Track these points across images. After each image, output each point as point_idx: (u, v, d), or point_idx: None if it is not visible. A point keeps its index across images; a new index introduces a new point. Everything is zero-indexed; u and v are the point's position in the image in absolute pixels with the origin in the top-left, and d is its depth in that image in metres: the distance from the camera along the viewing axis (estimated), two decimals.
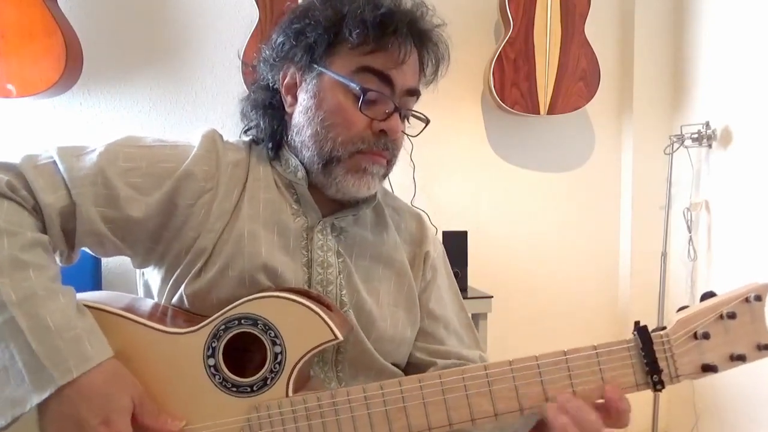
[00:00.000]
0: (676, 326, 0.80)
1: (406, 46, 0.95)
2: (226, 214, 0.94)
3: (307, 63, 0.97)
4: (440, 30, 1.02)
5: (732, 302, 0.80)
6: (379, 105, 0.95)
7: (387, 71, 0.94)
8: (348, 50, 0.95)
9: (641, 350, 0.80)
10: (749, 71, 2.52)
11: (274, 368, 0.83)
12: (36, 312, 0.77)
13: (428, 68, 1.03)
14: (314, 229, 1.00)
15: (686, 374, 0.80)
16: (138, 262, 0.98)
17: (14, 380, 0.76)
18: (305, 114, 0.97)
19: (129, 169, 0.92)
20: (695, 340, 0.80)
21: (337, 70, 0.95)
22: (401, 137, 1.00)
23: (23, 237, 0.82)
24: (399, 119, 0.96)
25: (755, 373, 2.43)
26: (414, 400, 0.81)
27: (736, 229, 2.61)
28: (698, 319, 0.80)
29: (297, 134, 0.99)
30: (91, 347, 0.79)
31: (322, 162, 0.96)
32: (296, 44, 0.98)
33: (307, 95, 0.98)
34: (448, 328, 1.10)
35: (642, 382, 0.81)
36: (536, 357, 0.82)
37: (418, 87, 1.01)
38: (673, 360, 0.80)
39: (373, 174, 0.96)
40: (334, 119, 0.95)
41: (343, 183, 0.96)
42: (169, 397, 0.83)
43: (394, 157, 1.00)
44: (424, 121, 1.04)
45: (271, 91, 1.04)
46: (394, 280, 1.06)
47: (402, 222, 1.13)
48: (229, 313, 0.85)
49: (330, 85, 0.96)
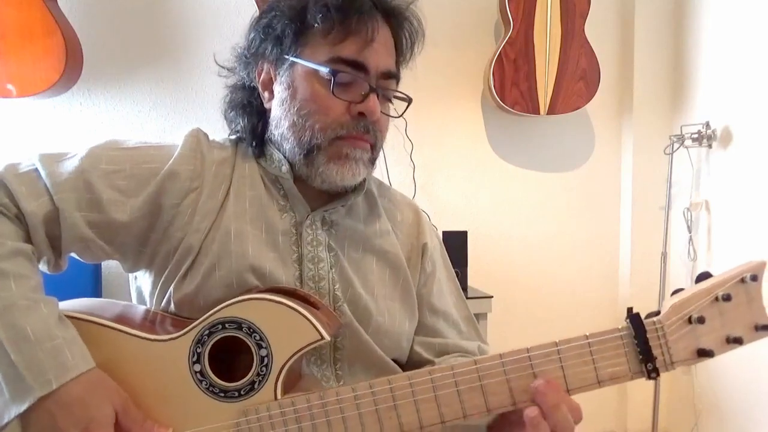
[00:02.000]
0: (669, 311, 0.78)
1: (373, 25, 0.93)
2: (212, 212, 0.94)
3: (278, 55, 0.97)
4: (412, 7, 1.00)
5: (727, 283, 0.78)
6: (353, 87, 0.94)
7: (357, 57, 0.93)
8: (317, 39, 0.94)
9: (634, 338, 0.78)
10: (749, 71, 2.51)
11: (261, 371, 0.82)
12: (16, 322, 0.77)
13: (404, 46, 1.01)
14: (303, 224, 0.99)
15: (681, 360, 0.78)
16: (128, 266, 0.98)
17: None
18: (281, 106, 0.97)
19: (112, 171, 0.91)
20: (689, 325, 0.78)
21: (308, 58, 0.94)
22: (384, 119, 0.99)
23: (3, 247, 0.81)
24: (376, 100, 0.94)
25: (755, 373, 2.43)
26: (404, 398, 0.80)
27: (736, 229, 2.60)
28: (692, 302, 0.78)
29: (276, 128, 0.98)
30: (72, 358, 0.78)
31: (303, 152, 0.95)
32: (265, 38, 0.98)
33: (281, 87, 0.97)
34: (448, 320, 1.09)
35: (636, 371, 0.79)
36: (527, 349, 0.80)
37: (394, 69, 0.99)
38: (668, 347, 0.78)
39: (356, 159, 0.95)
40: (310, 107, 0.94)
41: (326, 172, 0.94)
42: (157, 405, 0.83)
43: (377, 140, 0.98)
44: (406, 101, 1.02)
45: (248, 89, 1.03)
46: (388, 272, 1.04)
47: (398, 213, 1.11)
48: (213, 317, 0.84)
49: (303, 74, 0.95)
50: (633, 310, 0.80)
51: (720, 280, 0.78)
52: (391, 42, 0.99)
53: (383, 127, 0.99)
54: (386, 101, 1.00)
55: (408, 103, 1.02)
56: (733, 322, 0.78)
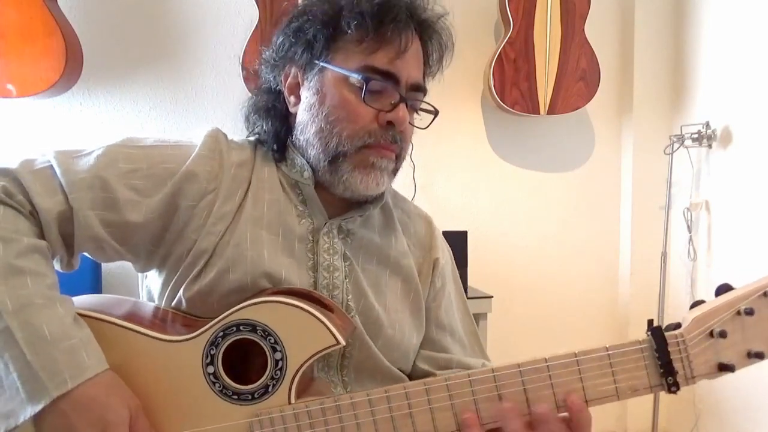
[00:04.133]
0: (691, 325, 0.77)
1: (406, 34, 0.93)
2: (228, 216, 0.93)
3: (308, 60, 0.96)
4: (443, 20, 1.00)
5: (749, 297, 0.76)
6: (384, 96, 0.93)
7: (389, 67, 0.92)
8: (349, 46, 0.93)
9: (655, 351, 0.77)
10: (749, 71, 2.52)
11: (275, 375, 0.81)
12: (32, 321, 0.76)
13: (432, 59, 1.01)
14: (320, 232, 0.98)
15: (702, 374, 0.77)
16: (140, 267, 0.97)
17: (9, 391, 0.74)
18: (309, 111, 0.96)
19: (129, 171, 0.90)
20: (711, 339, 0.76)
21: (339, 65, 0.93)
22: (410, 129, 0.98)
23: (19, 243, 0.80)
24: (406, 110, 0.94)
25: (755, 373, 2.43)
26: (420, 405, 0.79)
27: (736, 229, 2.61)
28: (714, 316, 0.77)
29: (301, 133, 0.97)
30: (88, 358, 0.77)
31: (328, 159, 0.94)
32: (296, 42, 0.96)
33: (309, 92, 0.96)
34: (454, 336, 1.09)
35: (656, 384, 0.77)
36: (545, 359, 0.78)
37: (422, 82, 0.99)
38: (689, 361, 0.76)
39: (381, 169, 0.94)
40: (338, 113, 0.93)
41: (350, 180, 0.93)
42: (170, 407, 0.82)
43: (402, 150, 0.97)
44: (433, 113, 1.02)
45: (273, 93, 1.02)
46: (400, 285, 1.03)
47: (411, 225, 1.10)
48: (228, 319, 0.83)
49: (333, 80, 0.94)
50: (654, 322, 0.79)
51: (742, 294, 0.77)
52: (421, 54, 0.98)
53: (408, 137, 0.98)
54: (413, 112, 0.99)
55: (434, 115, 1.01)
56: (755, 337, 0.77)
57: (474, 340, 1.12)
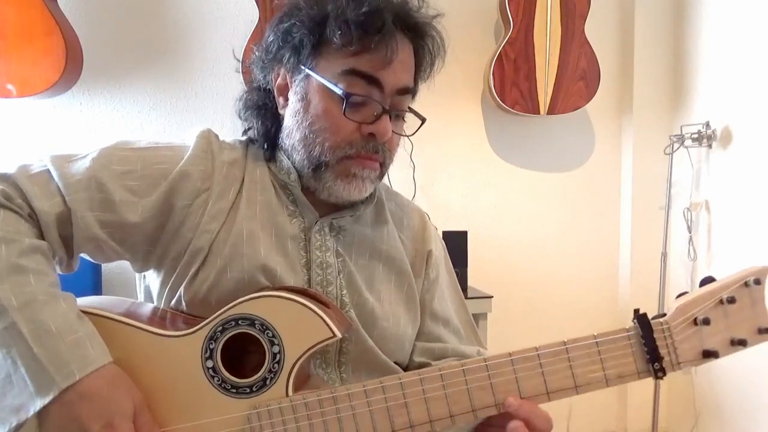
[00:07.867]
0: (675, 313, 0.80)
1: (393, 45, 0.91)
2: (222, 214, 0.94)
3: (294, 64, 0.96)
4: (435, 22, 0.99)
5: (731, 287, 0.80)
6: (366, 108, 0.93)
7: (374, 73, 0.91)
8: (334, 51, 0.92)
9: (641, 338, 0.80)
10: (749, 71, 2.52)
11: (273, 368, 0.83)
12: (37, 317, 0.77)
13: (425, 62, 1.00)
14: (312, 230, 0.99)
15: (687, 361, 0.80)
16: (138, 266, 0.98)
17: (17, 385, 0.75)
18: (294, 117, 0.96)
19: (124, 172, 0.91)
20: (695, 326, 0.80)
21: (323, 73, 0.93)
22: (395, 138, 0.98)
23: (21, 243, 0.81)
24: (388, 121, 0.93)
25: (755, 373, 2.43)
26: (415, 395, 0.81)
27: (736, 229, 2.61)
28: (698, 304, 0.80)
29: (287, 137, 0.98)
30: (93, 350, 0.79)
31: (312, 166, 0.95)
32: (284, 45, 0.96)
33: (296, 97, 0.96)
34: (448, 326, 1.10)
35: (643, 370, 0.80)
36: (536, 348, 0.81)
37: (411, 84, 0.98)
38: (674, 347, 0.80)
39: (363, 178, 0.95)
40: (321, 123, 0.93)
41: (333, 187, 0.95)
42: (169, 400, 0.83)
43: (387, 159, 0.97)
44: (420, 120, 1.01)
45: (264, 91, 1.03)
46: (394, 278, 1.04)
47: (405, 218, 1.11)
48: (226, 314, 0.84)
49: (316, 88, 0.94)
50: (639, 311, 0.82)
51: (724, 284, 0.81)
52: (412, 58, 0.98)
53: (394, 145, 0.99)
54: (399, 119, 0.99)
55: (421, 122, 1.01)
56: (738, 325, 0.80)
57: (469, 329, 1.13)
